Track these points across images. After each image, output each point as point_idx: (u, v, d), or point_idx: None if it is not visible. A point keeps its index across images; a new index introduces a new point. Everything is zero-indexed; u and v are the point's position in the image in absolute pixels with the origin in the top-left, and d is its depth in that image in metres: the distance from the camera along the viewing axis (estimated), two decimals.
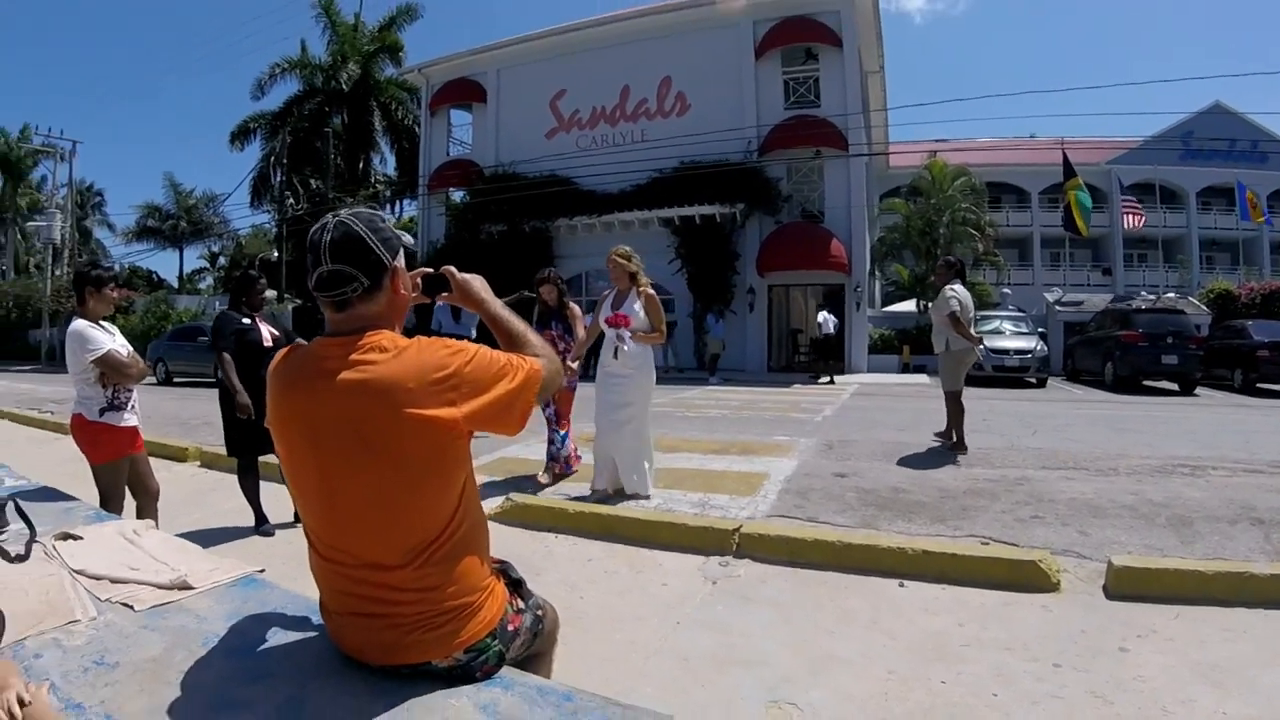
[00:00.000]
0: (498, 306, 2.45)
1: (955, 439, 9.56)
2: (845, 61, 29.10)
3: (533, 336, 2.41)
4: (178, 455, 10.15)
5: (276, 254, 39.50)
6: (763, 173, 28.85)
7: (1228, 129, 50.10)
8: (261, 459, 6.89)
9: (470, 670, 2.08)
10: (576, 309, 8.06)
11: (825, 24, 28.95)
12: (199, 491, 8.28)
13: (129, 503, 5.44)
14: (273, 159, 41.24)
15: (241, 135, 42.94)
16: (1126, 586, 4.98)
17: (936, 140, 40.11)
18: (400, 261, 2.14)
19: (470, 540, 2.16)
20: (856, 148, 28.86)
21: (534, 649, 2.44)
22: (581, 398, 8.33)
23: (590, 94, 32.36)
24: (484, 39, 39.77)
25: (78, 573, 2.74)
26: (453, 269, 2.42)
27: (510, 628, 2.23)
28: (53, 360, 39.69)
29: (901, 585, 5.21)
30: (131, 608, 2.45)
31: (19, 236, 54.30)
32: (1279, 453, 9.70)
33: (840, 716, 3.51)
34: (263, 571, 2.87)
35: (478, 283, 2.44)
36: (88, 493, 4.86)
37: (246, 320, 6.76)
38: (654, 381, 7.49)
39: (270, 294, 30.71)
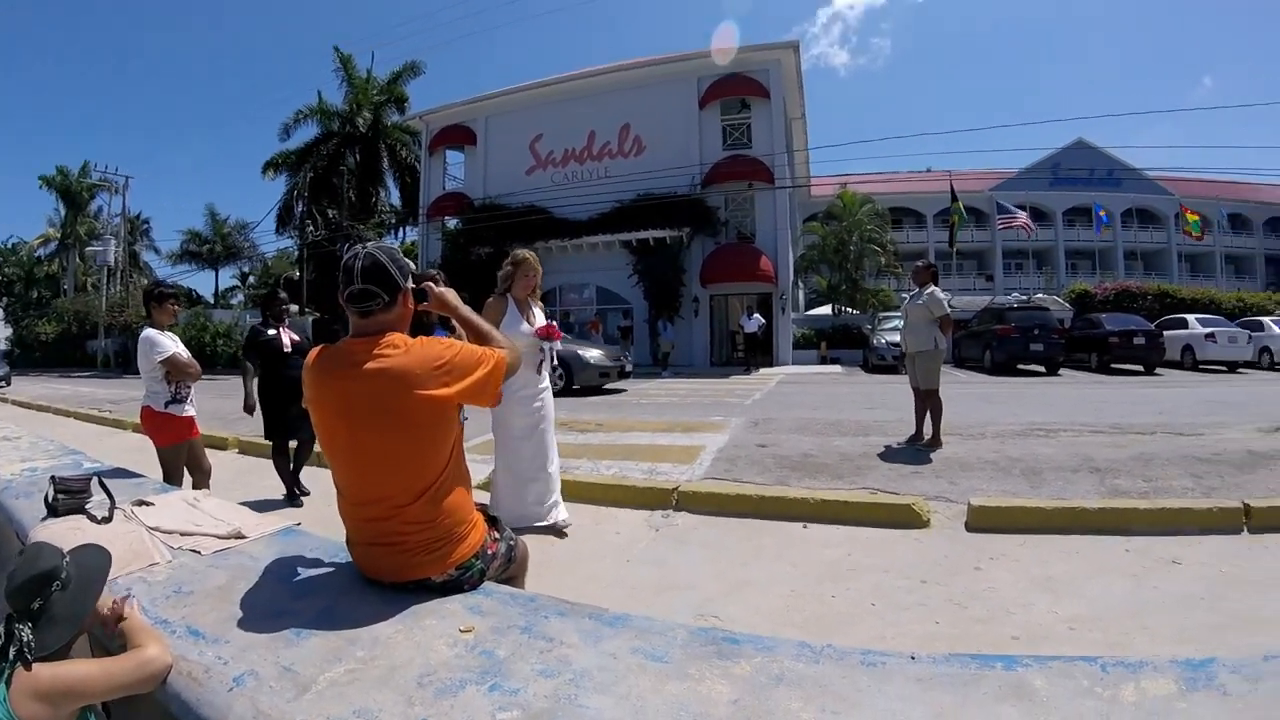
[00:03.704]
0: (467, 311, 2.71)
1: (934, 433, 8.16)
2: (772, 111, 29.53)
3: (497, 334, 2.67)
4: (220, 444, 10.16)
5: (298, 274, 39.26)
6: (705, 202, 29.22)
7: (1088, 160, 52.09)
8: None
9: (460, 583, 2.32)
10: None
11: (757, 80, 29.48)
12: (239, 473, 8.35)
13: (186, 480, 5.59)
14: (295, 192, 41.02)
15: (272, 167, 42.72)
16: (983, 521, 5.25)
17: (848, 174, 40.59)
18: (409, 284, 2.41)
19: (458, 484, 2.40)
20: (781, 181, 29.28)
21: (509, 573, 2.66)
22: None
23: (563, 137, 32.48)
24: (475, 90, 39.88)
25: (153, 529, 2.94)
26: (430, 284, 2.63)
27: (489, 551, 2.47)
28: (108, 367, 39.13)
29: (805, 527, 5.44)
30: (199, 552, 2.68)
31: (78, 260, 53.81)
32: (1120, 418, 9.98)
33: (751, 625, 3.67)
34: (299, 524, 3.10)
35: (450, 294, 2.67)
36: (150, 473, 5.03)
37: (271, 331, 6.99)
38: None
39: (293, 307, 30.55)
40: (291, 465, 7.14)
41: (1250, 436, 8.20)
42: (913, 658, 1.83)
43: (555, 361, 5.80)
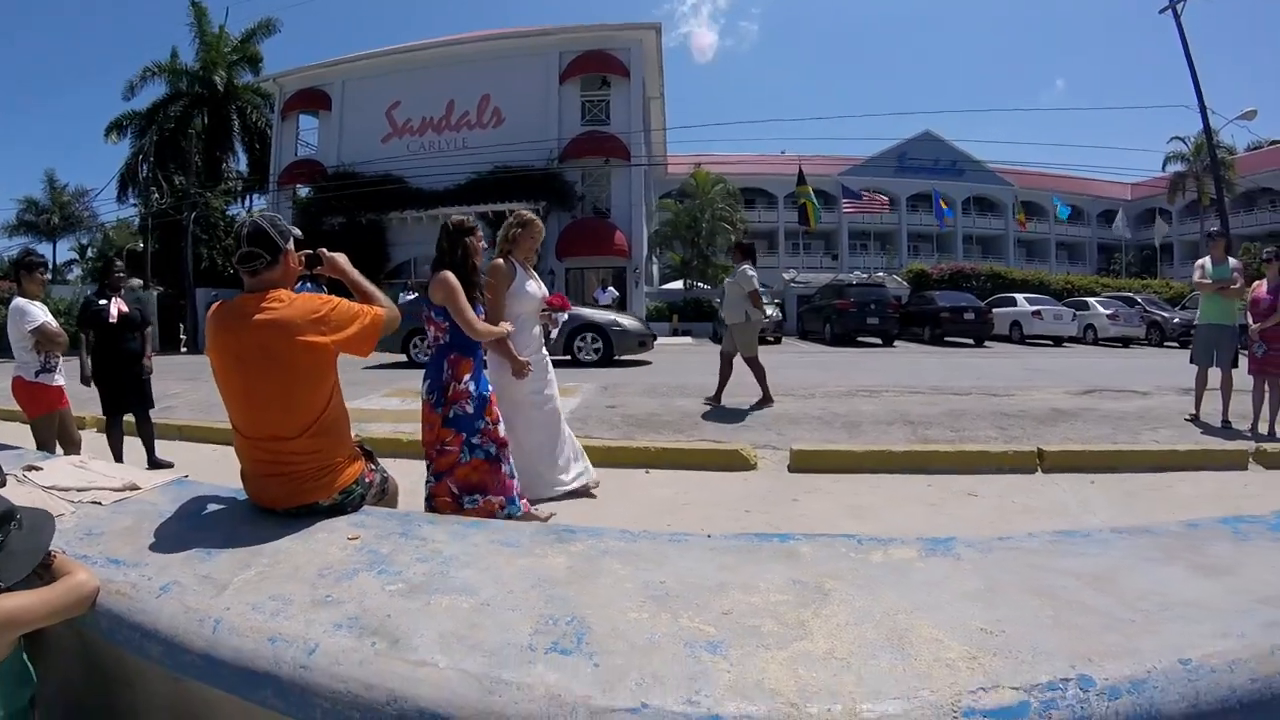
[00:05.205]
0: (355, 274, 3.05)
1: (763, 394, 8.73)
2: (631, 89, 30.24)
3: (380, 295, 3.03)
4: (77, 423, 9.93)
5: (141, 245, 36.97)
6: (562, 177, 29.58)
7: (934, 151, 54.92)
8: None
9: (344, 507, 2.69)
10: None
11: (618, 58, 30.03)
12: (99, 450, 8.22)
13: (58, 451, 5.54)
14: (140, 156, 38.59)
15: (116, 129, 39.66)
16: (803, 463, 5.97)
17: (707, 153, 41.58)
18: (291, 245, 2.76)
19: (339, 420, 2.80)
20: (637, 158, 30.05)
21: (382, 503, 3.02)
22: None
23: (421, 106, 32.05)
24: (331, 53, 38.14)
25: (49, 488, 3.04)
26: (324, 250, 3.01)
27: (367, 480, 2.86)
28: None
29: (647, 472, 6.04)
30: (99, 504, 2.83)
31: None
32: (939, 381, 11.03)
33: None
34: (187, 476, 3.32)
35: (341, 259, 3.03)
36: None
37: (103, 301, 6.79)
38: None
39: (136, 281, 28.95)
40: (144, 444, 7.07)
41: (1058, 397, 9.24)
42: (709, 536, 2.36)
43: (555, 332, 5.55)
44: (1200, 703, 1.38)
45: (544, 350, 5.32)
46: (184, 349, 26.48)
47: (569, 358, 14.83)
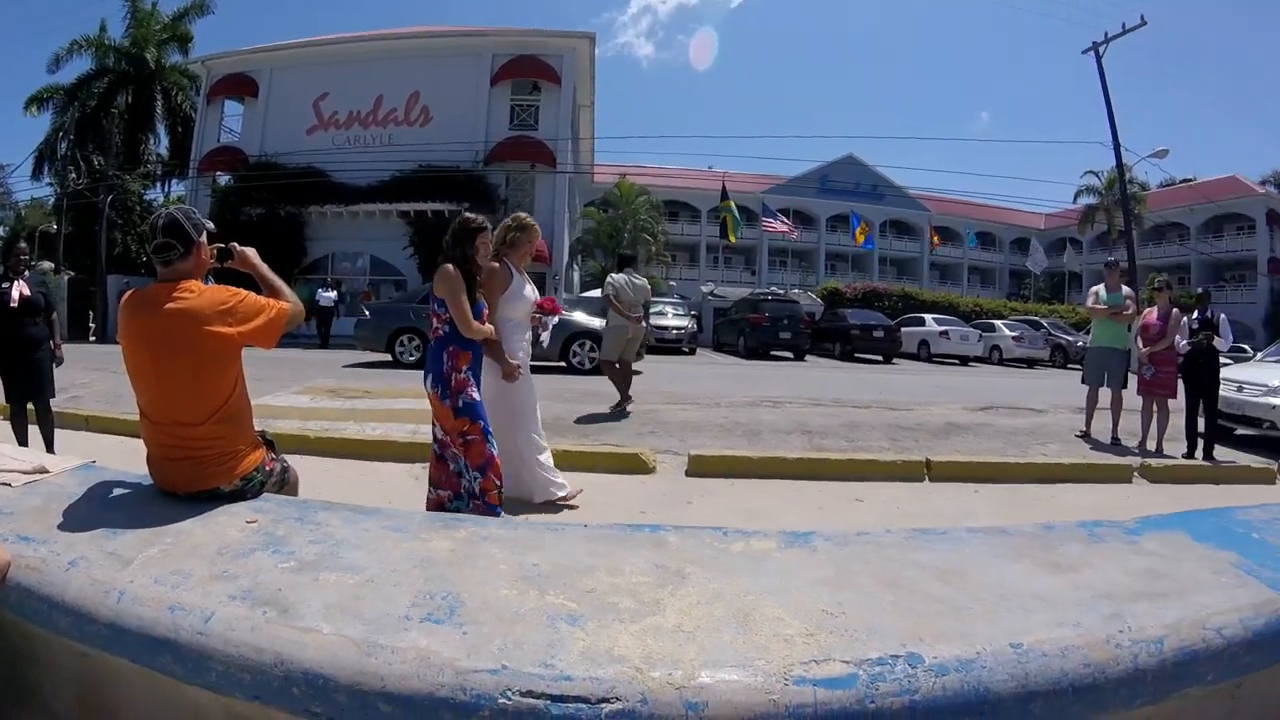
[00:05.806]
0: (265, 269, 3.18)
1: (620, 397, 9.08)
2: (562, 96, 30.31)
3: (287, 290, 3.15)
4: None
5: (55, 227, 35.44)
6: (486, 179, 29.42)
7: (855, 174, 56.38)
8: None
9: (245, 493, 2.83)
10: None
11: (550, 64, 30.07)
12: (6, 437, 8.05)
13: None
14: (60, 133, 36.88)
15: (36, 102, 37.65)
16: (700, 468, 6.23)
17: (635, 164, 41.80)
18: (204, 238, 2.89)
19: (242, 409, 2.93)
20: (563, 165, 30.14)
21: (282, 493, 3.13)
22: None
23: (349, 99, 31.40)
24: (262, 38, 37.13)
25: None
26: (235, 244, 3.14)
27: (268, 468, 2.99)
28: None
29: None
30: (9, 485, 2.86)
31: None
32: (842, 394, 11.43)
33: None
34: (94, 461, 3.34)
35: (251, 253, 3.17)
36: None
37: (4, 284, 6.50)
38: None
39: (46, 265, 27.97)
40: (43, 436, 6.75)
41: (954, 412, 9.68)
42: (585, 525, 2.57)
43: (545, 336, 5.41)
44: (1030, 683, 1.56)
45: (525, 361, 5.15)
46: (93, 338, 25.51)
47: (564, 364, 14.75)
